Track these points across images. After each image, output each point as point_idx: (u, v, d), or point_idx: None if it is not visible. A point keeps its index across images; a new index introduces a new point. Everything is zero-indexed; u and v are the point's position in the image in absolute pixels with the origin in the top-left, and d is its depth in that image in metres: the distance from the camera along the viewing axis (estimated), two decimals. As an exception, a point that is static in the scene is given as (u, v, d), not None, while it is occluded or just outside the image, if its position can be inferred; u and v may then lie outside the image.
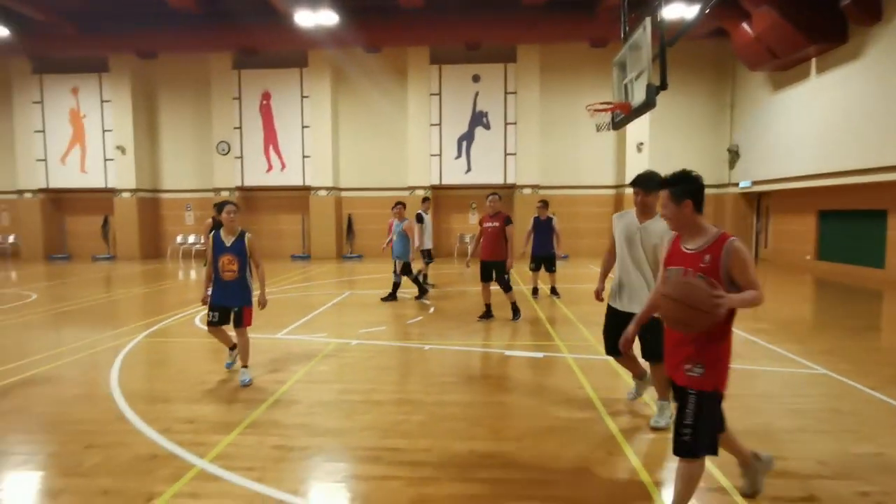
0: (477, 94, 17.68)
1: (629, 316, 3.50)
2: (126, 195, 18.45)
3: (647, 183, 3.88)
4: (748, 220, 17.24)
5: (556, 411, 4.19)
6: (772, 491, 2.93)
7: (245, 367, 4.98)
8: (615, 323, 3.82)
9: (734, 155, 17.06)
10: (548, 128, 17.87)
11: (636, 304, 3.76)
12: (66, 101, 18.60)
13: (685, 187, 2.52)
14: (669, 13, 11.83)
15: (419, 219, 10.40)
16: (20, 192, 18.93)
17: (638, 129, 17.06)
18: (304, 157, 18.27)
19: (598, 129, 8.35)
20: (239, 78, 18.11)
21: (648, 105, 7.16)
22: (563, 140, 17.96)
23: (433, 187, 17.91)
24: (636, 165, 17.23)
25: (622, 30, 8.45)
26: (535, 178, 17.74)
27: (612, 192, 18.09)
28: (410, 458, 3.37)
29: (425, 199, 11.35)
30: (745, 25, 13.85)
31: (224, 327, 5.10)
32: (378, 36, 16.51)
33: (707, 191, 12.70)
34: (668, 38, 7.04)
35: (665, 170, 13.06)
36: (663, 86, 6.92)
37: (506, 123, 17.71)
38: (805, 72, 13.69)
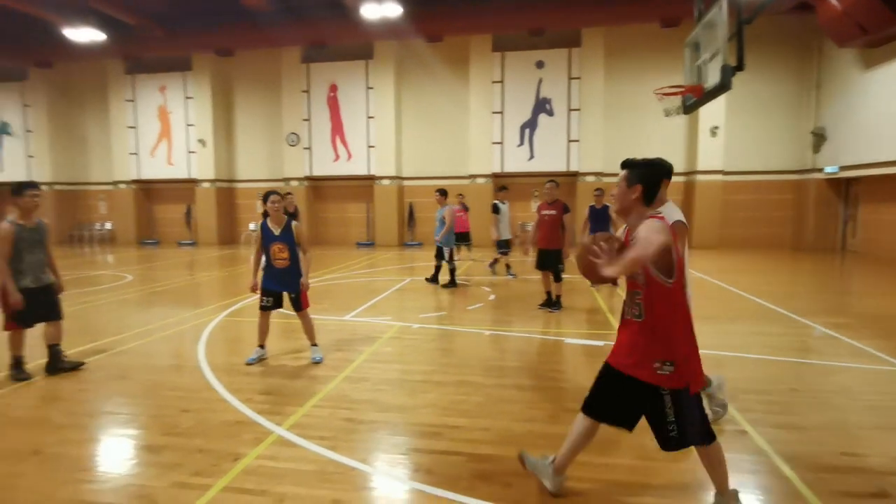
0: (540, 80, 17.42)
1: None
2: (206, 185, 19.76)
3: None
4: (833, 208, 15.99)
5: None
6: (842, 486, 2.84)
7: (314, 345, 5.32)
8: None
9: (819, 138, 15.82)
10: (612, 113, 17.34)
11: None
12: (154, 99, 20.11)
13: (641, 171, 2.55)
14: (748, -12, 11.13)
15: (495, 209, 10.37)
16: (115, 183, 20.72)
17: (712, 111, 16.19)
18: (368, 147, 18.78)
19: (667, 113, 8.07)
20: (308, 71, 18.83)
21: (723, 87, 6.86)
22: (628, 126, 17.38)
23: (494, 175, 17.91)
24: (710, 150, 16.47)
25: (696, 8, 8.10)
26: (599, 165, 17.30)
27: (682, 178, 17.33)
28: (470, 436, 3.52)
29: (502, 188, 11.26)
30: (832, -2, 12.77)
31: (278, 311, 5.38)
32: (440, 26, 16.62)
33: (787, 176, 12.15)
34: (746, 15, 6.69)
35: (741, 155, 12.69)
36: (740, 66, 6.61)
37: (569, 110, 17.36)
38: (903, 46, 12.48)
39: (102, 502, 2.79)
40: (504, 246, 10.63)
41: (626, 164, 2.64)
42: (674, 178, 14.70)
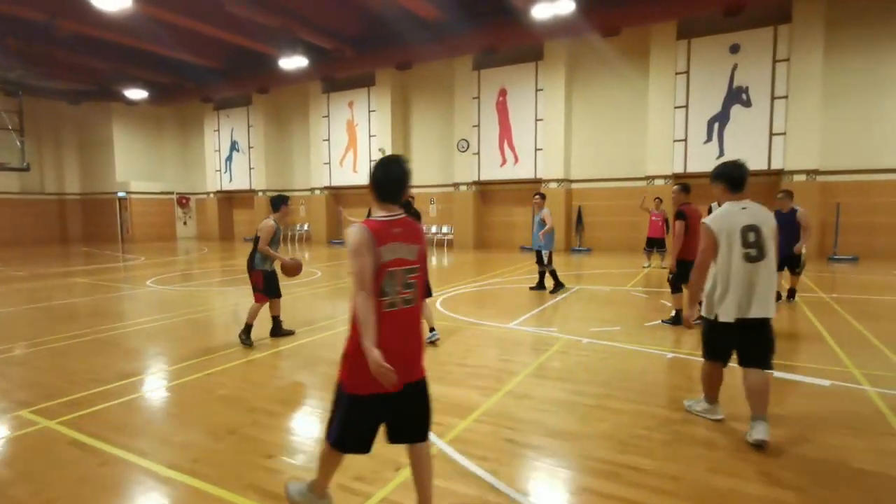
0: (735, 66, 15.22)
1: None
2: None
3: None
4: None
5: (860, 453, 3.22)
6: None
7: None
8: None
9: None
10: (835, 98, 14.39)
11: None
12: (344, 114, 22.44)
13: None
14: None
15: (680, 215, 9.23)
16: (311, 189, 23.61)
17: None
18: (536, 149, 18.44)
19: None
20: (479, 78, 19.20)
21: None
22: (857, 112, 14.24)
23: (676, 175, 16.17)
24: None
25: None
26: (814, 161, 14.48)
27: (937, 176, 13.65)
28: (655, 484, 2.96)
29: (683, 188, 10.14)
30: None
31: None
32: (618, 17, 15.54)
33: None
34: None
35: None
36: None
37: (773, 98, 14.86)
38: None
39: (276, 492, 2.90)
40: None
41: None
42: None
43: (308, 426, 3.90)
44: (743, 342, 3.51)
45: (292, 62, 18.34)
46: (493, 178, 19.38)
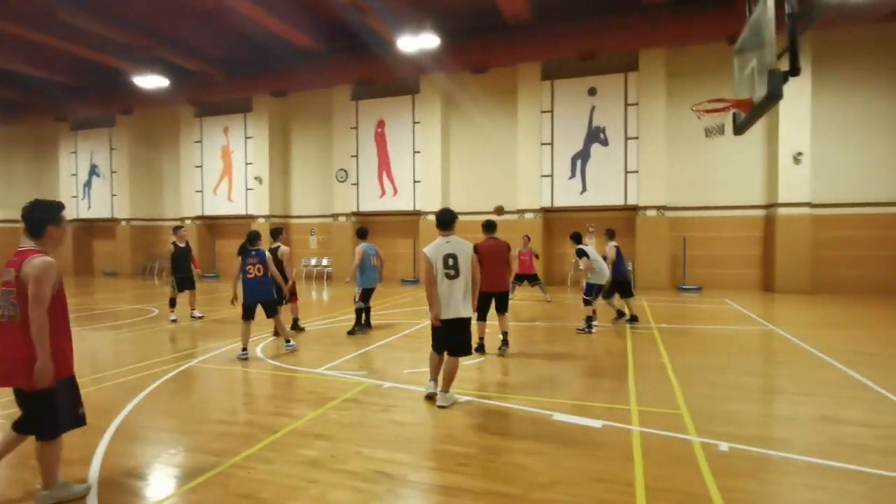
0: (593, 108, 16.20)
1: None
2: (261, 220, 20.23)
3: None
4: (962, 248, 13.12)
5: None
6: None
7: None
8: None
9: (936, 163, 13.18)
10: (677, 140, 15.67)
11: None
12: (219, 140, 21.16)
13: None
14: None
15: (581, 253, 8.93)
16: (182, 219, 21.85)
17: (795, 135, 14.22)
18: (414, 181, 18.36)
19: (709, 134, 6.73)
20: (357, 108, 18.95)
21: (773, 97, 5.48)
22: (697, 153, 15.58)
23: (544, 210, 16.72)
24: (793, 180, 14.34)
25: (747, 9, 6.78)
26: (662, 198, 15.58)
27: (761, 212, 15.15)
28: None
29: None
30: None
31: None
32: (484, 56, 16.10)
33: (894, 209, 9.69)
34: (799, 9, 5.31)
35: (834, 186, 10.80)
36: (794, 71, 5.22)
37: (626, 138, 15.92)
38: None
39: None
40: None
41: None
42: (752, 213, 13.79)
43: None
44: (453, 335, 4.93)
45: (151, 81, 17.01)
46: (372, 210, 19.00)
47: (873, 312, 10.93)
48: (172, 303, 10.36)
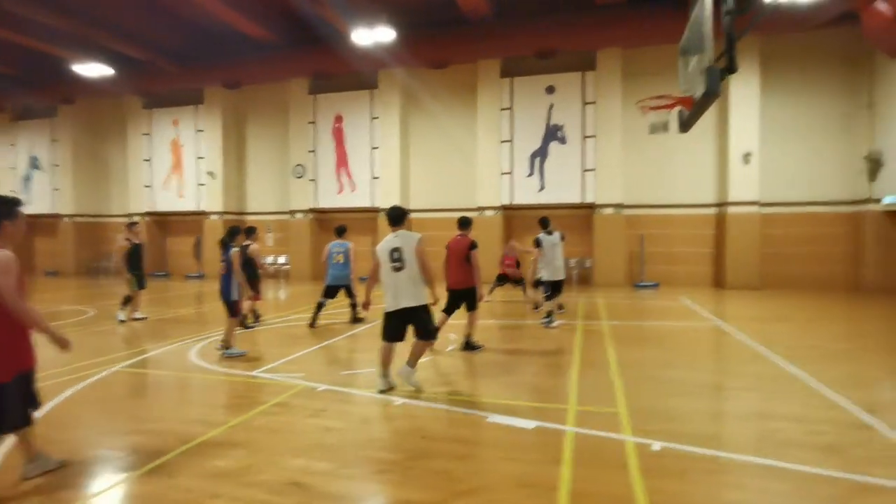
0: (551, 106, 16.23)
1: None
2: (214, 217, 19.53)
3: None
4: (897, 245, 13.70)
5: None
6: None
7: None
8: None
9: (875, 164, 13.72)
10: (632, 140, 15.84)
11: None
12: (168, 132, 20.31)
13: None
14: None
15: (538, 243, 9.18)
16: (130, 215, 20.89)
17: (744, 135, 14.58)
18: (372, 178, 18.04)
19: (653, 130, 6.77)
20: (314, 103, 18.48)
21: (711, 94, 5.45)
22: (651, 153, 15.80)
23: (504, 207, 16.67)
24: (742, 180, 14.68)
25: (690, 9, 6.79)
26: (618, 196, 15.73)
27: (712, 210, 15.49)
28: None
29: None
30: (879, 5, 11.04)
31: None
32: (443, 52, 15.92)
33: (838, 208, 10.08)
34: (736, 7, 5.32)
35: (781, 185, 10.99)
36: (730, 69, 5.22)
37: (584, 137, 16.02)
38: (974, 53, 10.51)
39: None
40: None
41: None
42: (705, 211, 13.85)
43: None
44: (408, 324, 5.17)
45: (94, 70, 16.16)
46: (330, 206, 18.58)
47: (815, 305, 11.29)
48: (127, 301, 9.80)
